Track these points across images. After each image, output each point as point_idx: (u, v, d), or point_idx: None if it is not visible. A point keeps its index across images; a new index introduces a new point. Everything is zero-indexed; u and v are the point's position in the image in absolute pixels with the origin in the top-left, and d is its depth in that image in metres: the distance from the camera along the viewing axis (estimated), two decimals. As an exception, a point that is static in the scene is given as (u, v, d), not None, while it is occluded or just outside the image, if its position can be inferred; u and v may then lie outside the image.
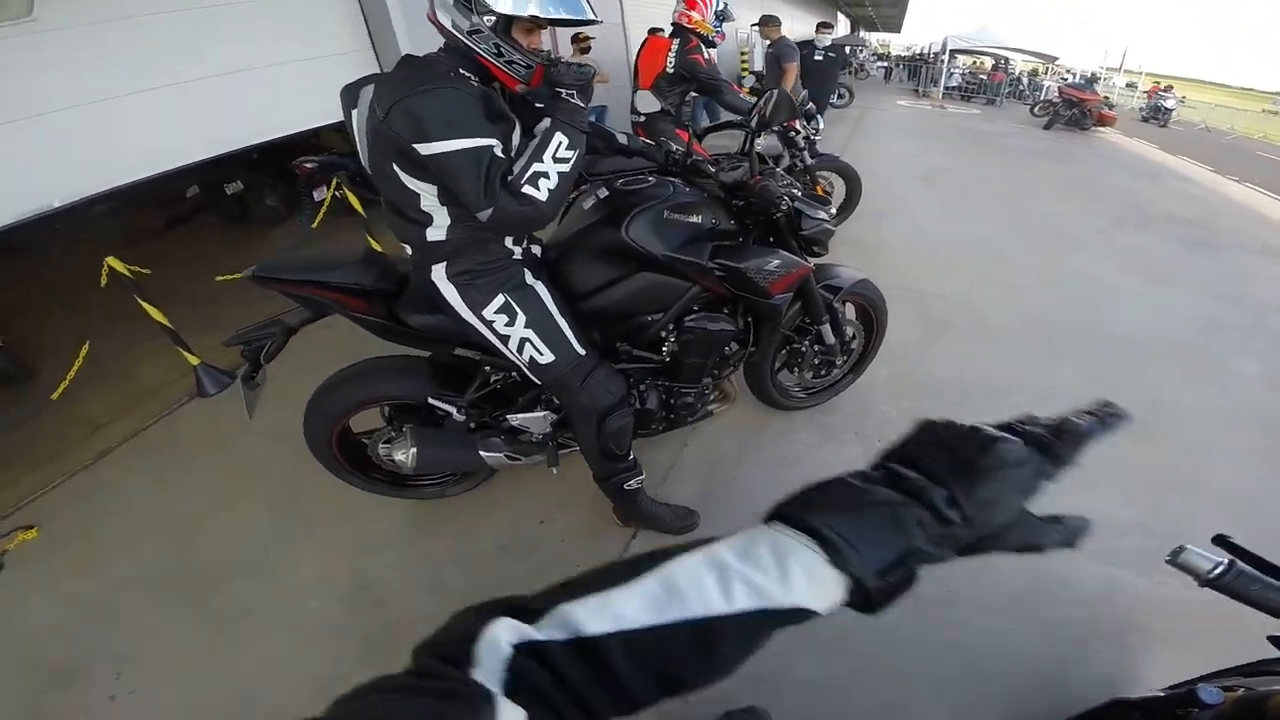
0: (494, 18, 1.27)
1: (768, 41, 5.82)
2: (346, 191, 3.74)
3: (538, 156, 1.28)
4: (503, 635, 0.36)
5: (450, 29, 1.31)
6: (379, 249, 3.88)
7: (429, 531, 2.07)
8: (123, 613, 1.85)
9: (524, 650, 0.36)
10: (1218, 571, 0.70)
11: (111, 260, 2.72)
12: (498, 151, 1.26)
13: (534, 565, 1.94)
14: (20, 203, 2.58)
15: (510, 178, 1.28)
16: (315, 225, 3.93)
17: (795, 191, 1.85)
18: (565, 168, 1.31)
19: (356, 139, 1.40)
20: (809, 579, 0.38)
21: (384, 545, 2.03)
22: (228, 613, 1.84)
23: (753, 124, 1.82)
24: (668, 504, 2.04)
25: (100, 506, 2.31)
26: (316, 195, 5.03)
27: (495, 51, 1.31)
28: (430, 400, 1.73)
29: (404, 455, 1.72)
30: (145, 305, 2.82)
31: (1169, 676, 1.15)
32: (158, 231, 5.39)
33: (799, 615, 0.39)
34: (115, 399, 2.99)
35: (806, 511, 0.41)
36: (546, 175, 1.28)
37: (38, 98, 2.58)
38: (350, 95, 1.38)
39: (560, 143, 1.30)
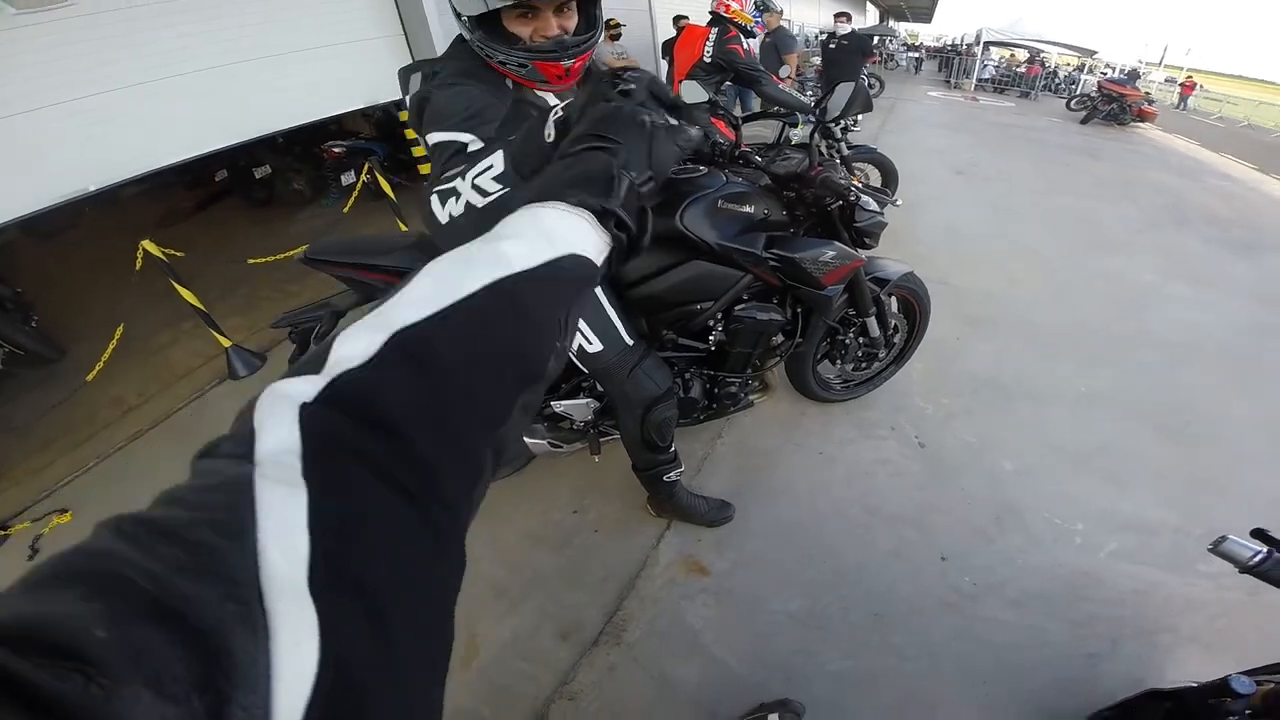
0: (467, 20, 1.13)
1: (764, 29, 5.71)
2: (378, 176, 3.73)
3: (464, 171, 0.96)
4: (281, 398, 0.28)
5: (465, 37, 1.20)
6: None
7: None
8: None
9: (320, 402, 0.28)
10: (1257, 559, 0.75)
11: (147, 243, 2.73)
12: (471, 150, 1.05)
13: (567, 557, 1.92)
14: (59, 186, 2.59)
15: (431, 181, 1.04)
16: (346, 210, 3.93)
17: (855, 184, 1.80)
18: (479, 200, 0.93)
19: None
20: (567, 229, 0.43)
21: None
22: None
23: (818, 116, 1.78)
24: (704, 496, 2.01)
25: (132, 491, 2.31)
26: (344, 179, 5.05)
27: (485, 54, 1.16)
28: None
29: None
30: (179, 288, 2.83)
31: (1199, 675, 1.14)
32: (186, 214, 5.45)
33: (580, 266, 0.43)
34: (147, 381, 3.02)
35: (538, 193, 0.46)
36: (456, 196, 0.96)
37: (77, 83, 2.59)
38: (404, 78, 1.35)
39: (489, 167, 0.91)
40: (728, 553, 1.93)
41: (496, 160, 0.91)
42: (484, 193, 0.93)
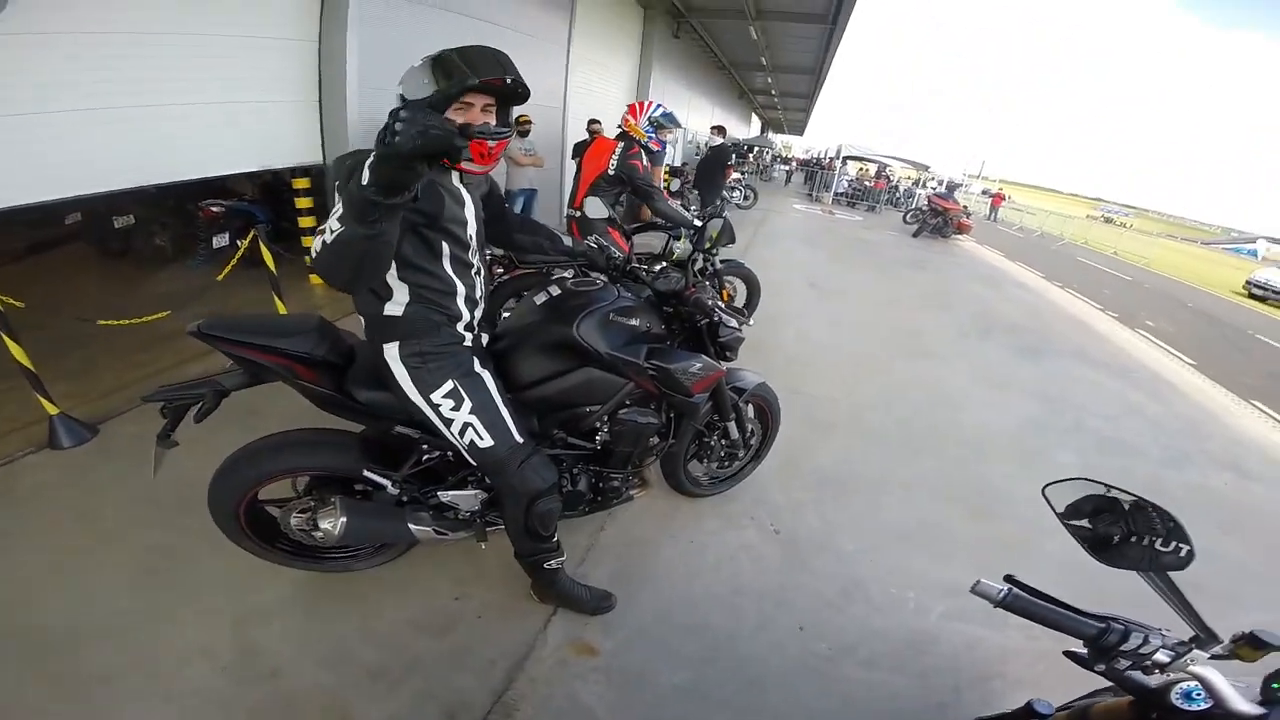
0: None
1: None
2: (261, 244, 3.58)
3: (334, 211, 1.13)
4: None
5: None
6: (284, 310, 3.76)
7: (328, 604, 2.00)
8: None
9: None
10: (1001, 595, 0.89)
11: (-22, 293, 2.47)
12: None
13: (450, 642, 1.92)
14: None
15: None
16: (220, 277, 3.68)
17: (720, 303, 2.13)
18: (329, 238, 1.11)
19: None
20: None
21: (275, 615, 1.93)
22: (82, 678, 1.66)
23: (694, 241, 2.10)
24: (587, 585, 2.11)
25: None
26: (216, 241, 4.77)
27: None
28: (366, 474, 1.74)
29: (331, 525, 1.70)
30: (10, 342, 2.55)
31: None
32: (19, 257, 4.83)
33: None
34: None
35: None
36: (325, 233, 1.13)
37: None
38: (340, 164, 1.43)
39: (336, 211, 1.11)
40: (615, 633, 2.03)
41: (340, 202, 1.11)
42: (332, 232, 1.11)
